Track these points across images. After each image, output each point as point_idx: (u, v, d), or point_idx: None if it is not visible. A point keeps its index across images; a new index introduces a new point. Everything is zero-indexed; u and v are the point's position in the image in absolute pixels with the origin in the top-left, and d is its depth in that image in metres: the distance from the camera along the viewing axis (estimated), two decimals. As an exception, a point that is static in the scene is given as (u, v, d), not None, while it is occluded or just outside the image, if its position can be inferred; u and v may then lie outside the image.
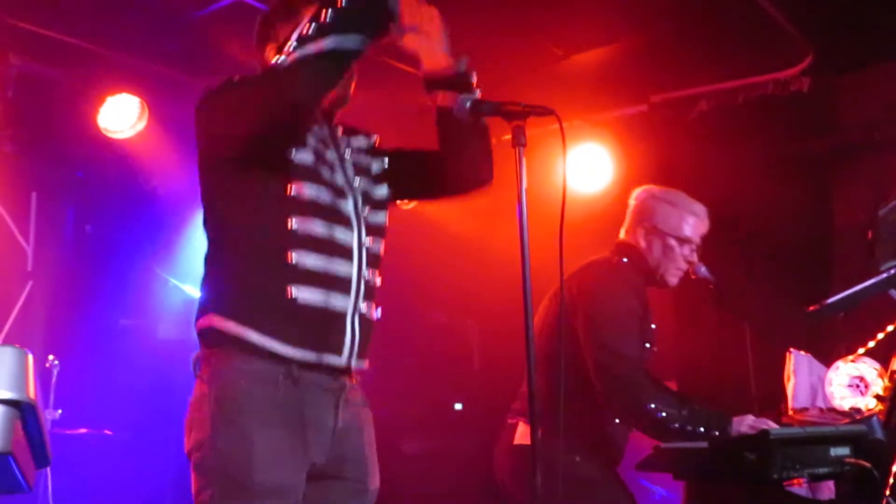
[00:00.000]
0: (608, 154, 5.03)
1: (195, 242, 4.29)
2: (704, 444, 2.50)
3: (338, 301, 1.94)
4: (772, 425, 2.70)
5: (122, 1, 3.93)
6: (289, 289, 1.87)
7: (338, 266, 1.96)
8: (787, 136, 4.63)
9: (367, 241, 2.04)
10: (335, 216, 1.98)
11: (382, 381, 5.18)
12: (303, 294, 1.88)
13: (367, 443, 2.05)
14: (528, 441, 2.64)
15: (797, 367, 3.16)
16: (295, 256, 1.88)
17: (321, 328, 1.92)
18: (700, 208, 3.02)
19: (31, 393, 0.94)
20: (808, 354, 3.18)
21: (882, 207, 3.27)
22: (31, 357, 0.96)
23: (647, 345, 2.94)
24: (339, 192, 2.01)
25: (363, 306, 2.00)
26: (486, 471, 4.85)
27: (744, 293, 3.51)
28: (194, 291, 4.33)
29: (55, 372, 4.31)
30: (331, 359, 1.93)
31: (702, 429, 2.62)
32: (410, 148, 2.31)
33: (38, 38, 4.05)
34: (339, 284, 1.95)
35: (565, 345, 2.79)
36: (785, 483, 2.56)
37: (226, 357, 1.86)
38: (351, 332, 1.97)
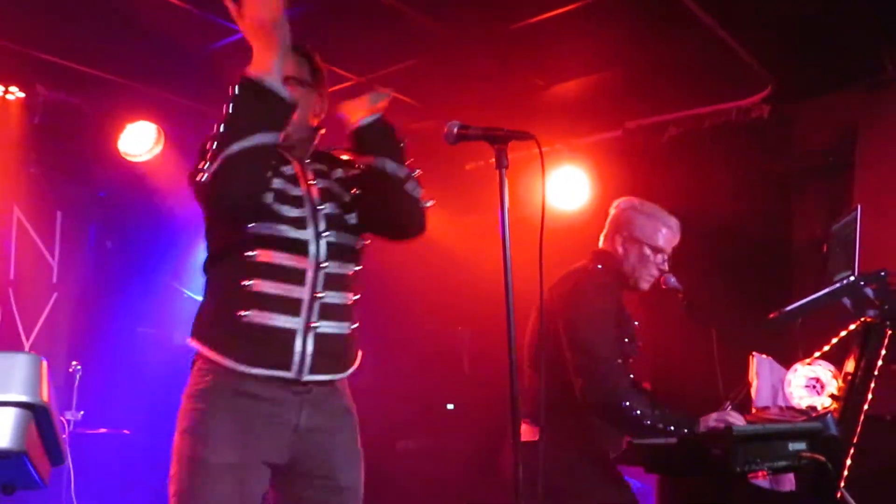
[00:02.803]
0: (585, 175, 5.06)
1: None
2: (674, 440, 2.50)
3: (284, 321, 1.96)
4: (735, 418, 2.71)
5: (141, 35, 3.93)
6: (239, 311, 1.95)
7: (287, 289, 1.98)
8: (750, 159, 4.67)
9: (328, 265, 2.03)
10: (288, 245, 2.00)
11: (379, 384, 5.18)
12: (250, 316, 1.95)
13: (342, 444, 2.07)
14: (531, 438, 2.65)
15: (759, 370, 3.16)
16: (246, 282, 1.96)
17: (268, 346, 1.95)
18: (674, 222, 3.03)
19: (45, 396, 0.94)
20: (770, 358, 3.19)
21: (835, 223, 3.28)
22: (45, 363, 0.95)
23: (627, 339, 2.93)
24: (297, 223, 2.02)
25: (320, 325, 2.00)
26: (475, 465, 4.87)
27: (710, 302, 3.51)
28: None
29: (77, 376, 4.37)
30: (280, 373, 1.96)
31: (672, 427, 2.62)
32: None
33: (63, 69, 4.06)
34: (286, 306, 1.97)
35: (554, 350, 2.81)
36: (748, 476, 2.56)
37: (198, 369, 2.01)
38: (301, 350, 1.97)
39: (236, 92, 1.87)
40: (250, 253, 1.97)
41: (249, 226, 1.97)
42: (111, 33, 3.96)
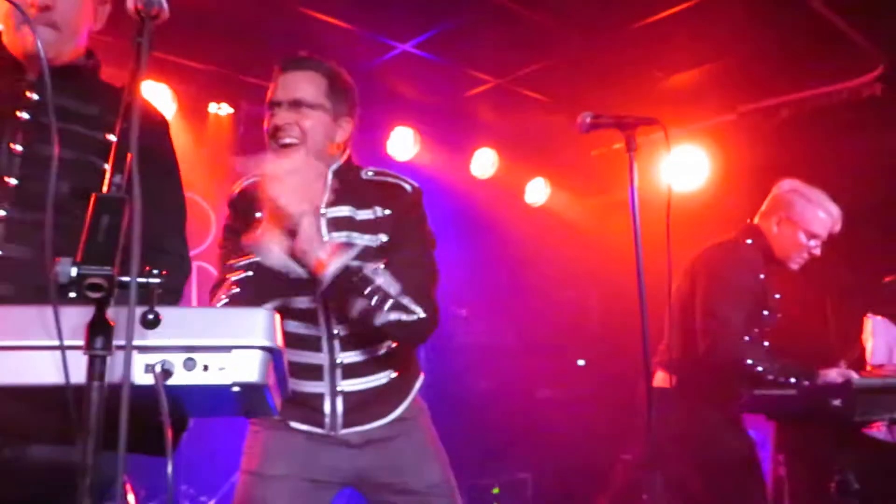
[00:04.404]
0: (705, 157, 4.86)
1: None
2: (794, 392, 2.39)
3: (311, 387, 1.79)
4: (855, 376, 2.55)
5: (316, 53, 4.11)
6: None
7: (306, 356, 1.78)
8: (863, 137, 4.31)
9: (338, 330, 1.78)
10: (298, 314, 1.77)
11: (521, 343, 5.24)
12: None
13: (405, 449, 1.84)
14: (664, 385, 2.63)
15: (875, 330, 2.95)
16: None
17: (301, 407, 1.79)
18: (835, 209, 2.80)
19: (279, 342, 1.03)
20: (885, 318, 2.96)
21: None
22: (278, 316, 1.05)
23: (766, 312, 2.76)
24: (307, 289, 1.73)
25: (346, 385, 1.79)
26: (602, 412, 4.84)
27: (825, 267, 3.29)
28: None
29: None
30: (315, 430, 1.80)
31: (793, 379, 2.49)
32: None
33: (261, 87, 4.31)
34: (309, 372, 1.78)
35: (690, 312, 2.72)
36: (865, 427, 2.41)
37: None
38: (331, 411, 1.79)
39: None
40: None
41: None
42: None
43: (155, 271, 0.80)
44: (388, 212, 1.81)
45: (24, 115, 1.51)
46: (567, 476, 4.63)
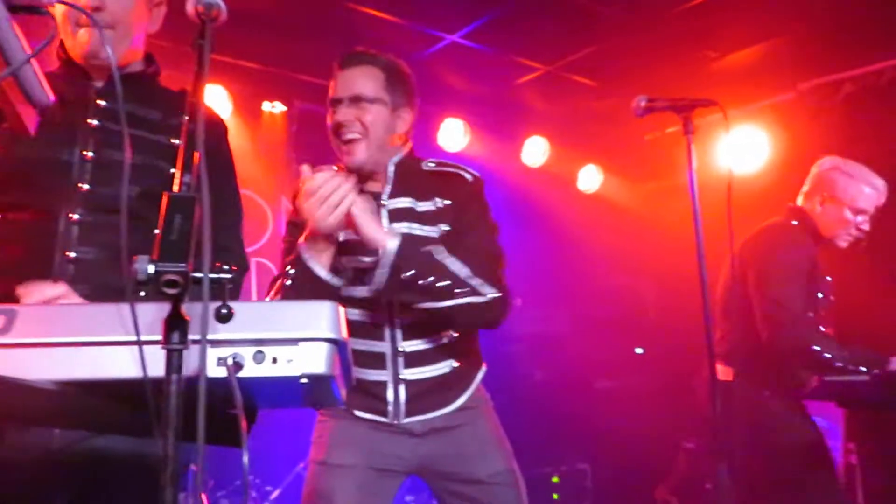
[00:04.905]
0: (764, 138, 4.71)
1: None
2: (866, 378, 2.30)
3: (374, 375, 1.81)
4: None
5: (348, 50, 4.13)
6: None
7: (369, 344, 1.80)
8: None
9: (401, 317, 1.79)
10: (360, 301, 1.79)
11: (577, 331, 5.20)
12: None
13: (468, 438, 1.85)
14: (726, 378, 2.57)
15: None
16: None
17: (365, 395, 1.83)
18: (879, 182, 2.73)
19: (344, 334, 1.05)
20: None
21: None
22: (342, 309, 1.06)
23: (820, 294, 2.70)
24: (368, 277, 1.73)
25: (409, 374, 1.81)
26: (662, 401, 4.77)
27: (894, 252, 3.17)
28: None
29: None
30: (378, 418, 1.83)
31: (863, 367, 2.41)
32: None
33: (312, 85, 4.37)
34: (372, 360, 1.81)
35: (744, 300, 2.66)
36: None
37: None
38: (394, 399, 1.81)
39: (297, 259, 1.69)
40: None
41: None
42: (342, 50, 4.20)
43: (225, 267, 0.82)
44: (448, 202, 1.82)
45: (94, 122, 1.57)
46: (627, 466, 4.58)
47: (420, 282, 1.66)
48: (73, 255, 1.48)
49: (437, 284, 1.67)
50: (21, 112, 1.00)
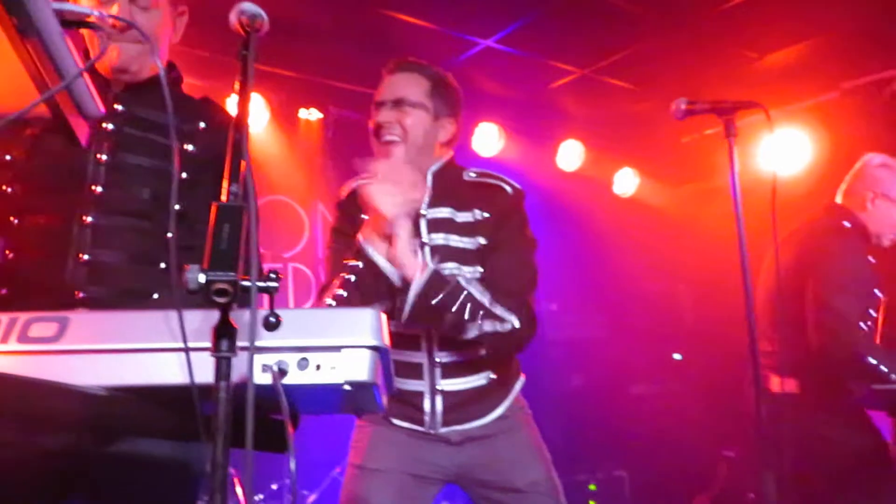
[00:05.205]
0: (806, 138, 4.61)
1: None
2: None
3: (412, 385, 1.83)
4: None
5: (398, 54, 4.14)
6: None
7: (407, 355, 1.82)
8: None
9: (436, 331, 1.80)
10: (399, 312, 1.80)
11: (612, 336, 5.14)
12: None
13: (506, 447, 1.85)
14: (782, 389, 2.49)
15: None
16: None
17: (403, 405, 1.84)
18: None
19: (386, 341, 1.05)
20: None
21: None
22: (384, 316, 1.07)
23: (871, 311, 2.60)
24: (405, 287, 1.70)
25: (446, 384, 1.82)
26: (701, 407, 4.69)
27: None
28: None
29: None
30: (415, 427, 1.84)
31: None
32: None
33: (347, 91, 4.42)
34: (410, 370, 1.82)
35: (795, 306, 2.57)
36: None
37: None
38: (430, 409, 1.82)
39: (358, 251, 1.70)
40: None
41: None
42: (378, 58, 4.21)
43: (272, 275, 0.83)
44: (487, 214, 1.81)
45: (110, 126, 1.58)
46: (665, 474, 4.51)
47: (445, 312, 1.65)
48: (86, 257, 1.49)
49: (462, 316, 1.66)
50: (73, 123, 1.03)
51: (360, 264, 1.67)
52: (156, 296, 1.54)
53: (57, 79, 0.93)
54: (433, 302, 1.64)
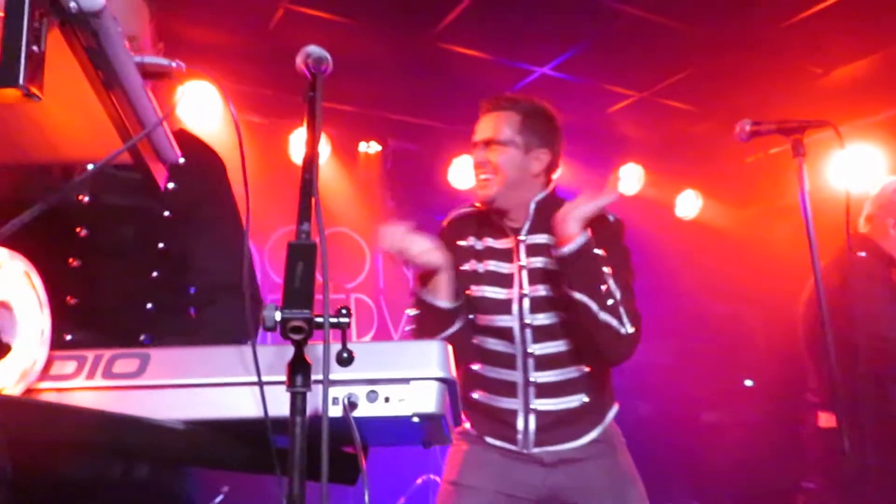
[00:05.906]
0: (879, 154, 4.44)
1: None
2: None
3: (506, 403, 1.88)
4: None
5: (456, 85, 4.21)
6: (471, 392, 1.92)
7: (502, 373, 1.89)
8: None
9: (534, 349, 1.87)
10: (495, 331, 1.90)
11: (680, 363, 5.00)
12: (478, 397, 1.92)
13: (597, 470, 1.88)
14: (830, 425, 2.40)
15: None
16: (474, 366, 1.92)
17: (496, 423, 1.90)
18: None
19: (454, 373, 1.06)
20: None
21: None
22: (450, 347, 1.07)
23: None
24: (502, 307, 1.88)
25: (539, 404, 1.86)
26: (775, 436, 4.49)
27: None
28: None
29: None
30: (508, 446, 1.89)
31: None
32: None
33: (405, 123, 4.50)
34: (505, 389, 1.88)
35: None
36: None
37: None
38: (524, 428, 1.86)
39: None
40: (473, 340, 1.92)
41: (476, 314, 1.91)
42: (434, 90, 4.31)
43: (343, 310, 0.85)
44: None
45: (90, 165, 1.47)
46: (740, 504, 4.34)
47: (596, 272, 1.76)
48: (74, 301, 1.46)
49: (603, 287, 1.75)
50: (152, 168, 1.08)
51: (418, 309, 1.83)
52: (142, 337, 1.52)
53: (138, 127, 0.98)
54: (596, 251, 1.76)
